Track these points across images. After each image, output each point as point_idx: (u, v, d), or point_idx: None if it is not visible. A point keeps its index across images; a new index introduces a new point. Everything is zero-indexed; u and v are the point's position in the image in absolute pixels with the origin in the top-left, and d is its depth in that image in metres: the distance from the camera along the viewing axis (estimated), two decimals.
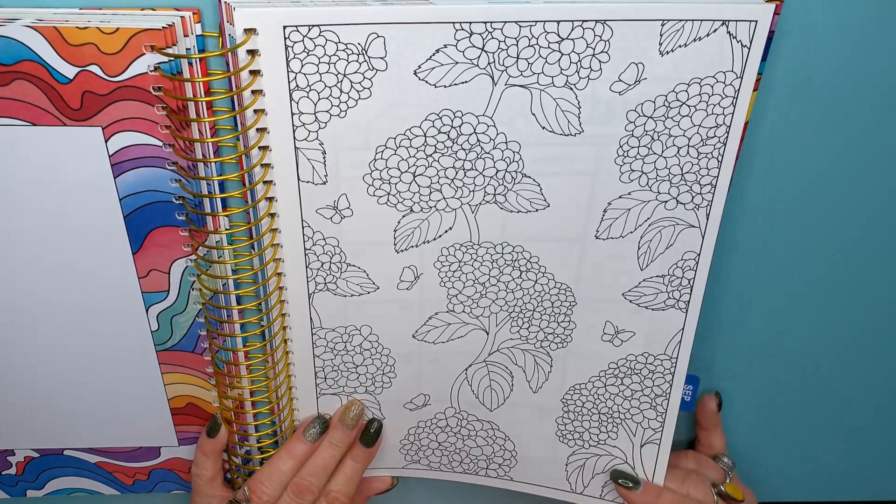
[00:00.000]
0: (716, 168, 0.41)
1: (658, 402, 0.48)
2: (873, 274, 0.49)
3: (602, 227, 0.43)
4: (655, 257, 0.44)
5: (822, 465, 0.47)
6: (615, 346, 0.47)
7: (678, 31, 0.37)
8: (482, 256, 0.44)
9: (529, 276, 0.45)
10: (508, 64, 0.38)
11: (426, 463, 0.53)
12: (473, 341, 0.47)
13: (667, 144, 0.41)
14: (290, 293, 0.45)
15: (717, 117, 0.40)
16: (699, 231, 0.43)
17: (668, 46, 0.38)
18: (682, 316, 0.46)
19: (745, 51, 0.38)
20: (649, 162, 0.41)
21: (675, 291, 0.45)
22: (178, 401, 0.50)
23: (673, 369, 0.47)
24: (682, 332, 0.46)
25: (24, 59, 0.37)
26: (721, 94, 0.39)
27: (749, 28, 0.37)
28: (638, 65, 0.38)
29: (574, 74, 0.39)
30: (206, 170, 0.41)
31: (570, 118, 0.40)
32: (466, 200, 0.42)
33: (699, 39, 0.38)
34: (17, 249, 0.43)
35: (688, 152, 0.41)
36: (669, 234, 0.43)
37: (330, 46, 0.37)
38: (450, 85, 0.38)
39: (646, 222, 0.43)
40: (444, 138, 0.40)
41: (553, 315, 0.46)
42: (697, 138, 0.40)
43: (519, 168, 0.41)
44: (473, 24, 0.37)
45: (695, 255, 0.44)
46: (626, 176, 0.42)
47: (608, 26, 0.37)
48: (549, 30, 0.37)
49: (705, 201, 0.42)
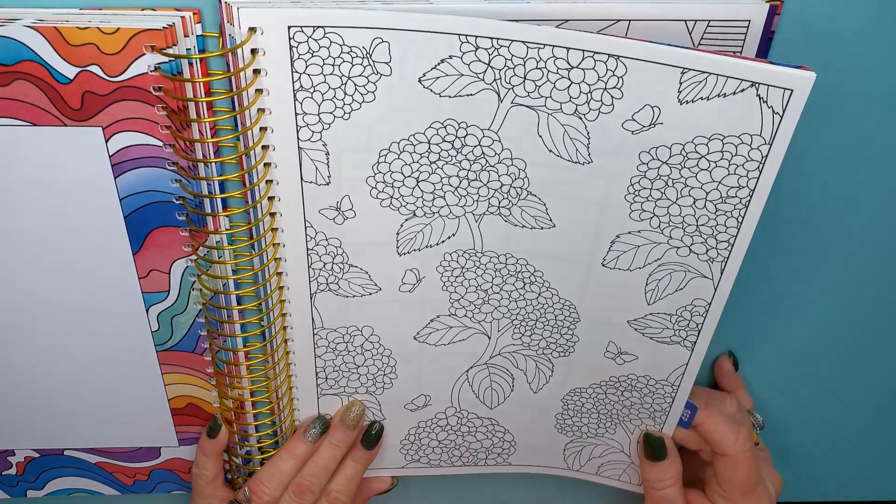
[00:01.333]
0: (734, 227, 0.39)
1: (657, 416, 0.48)
2: (874, 274, 0.49)
3: (609, 258, 0.42)
4: (663, 296, 0.42)
5: (822, 464, 0.47)
6: (618, 364, 0.46)
7: (700, 83, 0.35)
8: (485, 265, 0.44)
9: (533, 288, 0.44)
10: (515, 83, 0.37)
11: (426, 461, 0.53)
12: (475, 345, 0.47)
13: (682, 193, 0.38)
14: (292, 293, 0.45)
15: (741, 178, 0.37)
16: (712, 283, 0.41)
17: (687, 96, 0.35)
18: (687, 353, 0.44)
19: (777, 118, 0.35)
20: (662, 206, 0.39)
21: (681, 331, 0.43)
22: (179, 401, 0.50)
23: (674, 394, 0.47)
24: (685, 367, 0.45)
25: (25, 60, 0.37)
26: (745, 157, 0.36)
27: (783, 96, 0.34)
28: (654, 108, 0.36)
29: (584, 105, 0.37)
30: (207, 170, 0.41)
31: (579, 147, 0.38)
32: (470, 209, 0.41)
33: (723, 96, 0.35)
34: (18, 249, 0.43)
35: (705, 206, 0.38)
36: (680, 279, 0.41)
37: (334, 48, 0.36)
38: (455, 96, 0.38)
39: (655, 262, 0.41)
40: (449, 147, 0.39)
41: (556, 327, 0.46)
42: (716, 194, 0.38)
43: (524, 185, 0.40)
44: (479, 39, 0.36)
45: (705, 304, 0.42)
46: (637, 214, 0.40)
47: (622, 63, 0.35)
48: (559, 56, 0.35)
49: (721, 256, 0.40)
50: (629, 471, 0.52)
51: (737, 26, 0.39)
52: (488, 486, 0.58)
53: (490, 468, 0.54)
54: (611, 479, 0.53)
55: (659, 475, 0.49)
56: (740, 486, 0.47)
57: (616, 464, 0.52)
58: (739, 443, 0.46)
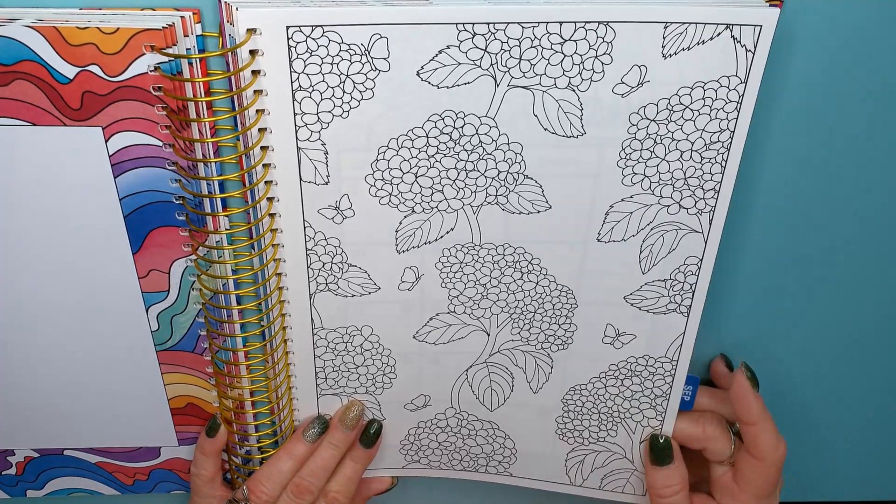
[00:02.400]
0: (719, 173, 0.41)
1: (658, 403, 0.48)
2: (875, 274, 0.49)
3: (604, 230, 0.43)
4: (657, 262, 0.44)
5: (822, 464, 0.47)
6: (616, 348, 0.47)
7: (681, 35, 0.37)
8: (483, 258, 0.44)
9: (531, 277, 0.45)
10: (511, 65, 0.38)
11: (426, 462, 0.53)
12: (474, 342, 0.47)
13: (669, 148, 0.40)
14: (291, 293, 0.45)
15: (721, 122, 0.39)
16: (702, 236, 0.43)
17: (671, 49, 0.37)
18: (683, 320, 0.46)
19: (750, 56, 0.37)
20: (651, 165, 0.41)
21: (676, 296, 0.45)
22: (178, 401, 0.50)
23: (673, 371, 0.47)
24: (682, 336, 0.46)
25: (25, 59, 0.37)
26: (725, 99, 0.39)
27: (753, 33, 0.37)
28: (640, 67, 0.38)
29: (577, 76, 0.38)
30: (206, 170, 0.41)
31: (573, 119, 0.39)
32: (468, 201, 0.42)
33: (702, 43, 0.37)
34: (17, 249, 0.43)
35: (691, 156, 0.40)
36: (672, 239, 0.43)
37: (333, 47, 0.37)
38: (452, 86, 0.38)
39: (648, 226, 0.43)
40: (447, 139, 0.40)
41: (554, 317, 0.46)
42: (701, 143, 0.40)
43: (521, 169, 0.41)
44: (476, 26, 0.37)
45: (697, 260, 0.43)
46: (629, 179, 0.41)
47: (611, 28, 0.37)
48: (552, 31, 0.37)
49: (708, 206, 0.42)
50: (633, 480, 0.52)
51: None
52: (488, 495, 0.57)
53: (491, 477, 0.53)
54: (615, 493, 0.52)
55: (665, 480, 0.48)
56: (759, 491, 0.47)
57: (619, 473, 0.52)
58: (780, 452, 0.46)
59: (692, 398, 0.48)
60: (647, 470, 0.49)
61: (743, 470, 0.47)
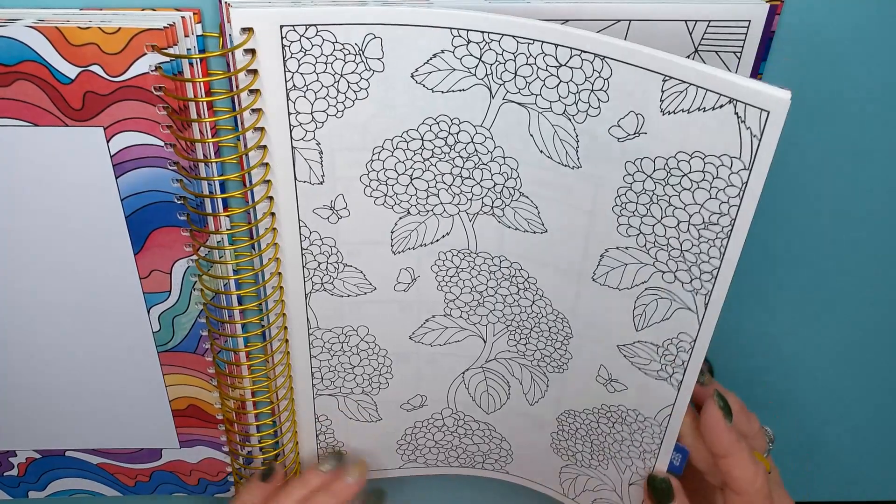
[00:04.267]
0: (717, 259, 0.36)
1: (647, 458, 0.46)
2: (873, 277, 0.49)
3: (599, 272, 0.41)
4: (650, 324, 0.41)
5: (822, 464, 0.47)
6: (609, 392, 0.45)
7: (681, 94, 0.33)
8: (480, 266, 0.43)
9: (527, 294, 0.44)
10: (506, 79, 0.37)
11: (423, 462, 0.53)
12: (470, 347, 0.47)
13: (666, 212, 0.37)
14: (287, 293, 0.45)
15: (722, 205, 0.35)
16: (696, 318, 0.39)
17: (669, 107, 0.34)
18: (674, 392, 0.42)
19: (756, 142, 0.33)
20: (648, 224, 0.38)
21: (667, 366, 0.41)
22: (180, 402, 0.50)
23: (662, 435, 0.44)
24: (672, 407, 0.43)
25: (26, 60, 0.37)
26: (726, 181, 0.34)
27: (760, 117, 0.32)
28: (638, 115, 0.35)
29: (573, 105, 0.36)
30: (207, 170, 0.41)
31: (569, 150, 0.38)
32: (464, 208, 0.41)
33: (703, 110, 0.33)
34: (19, 250, 0.43)
35: (688, 229, 0.37)
36: (666, 307, 0.40)
37: (327, 46, 0.37)
38: (447, 91, 0.38)
39: (642, 284, 0.40)
40: (442, 144, 0.39)
41: (550, 340, 0.45)
42: (699, 218, 0.36)
43: (517, 185, 0.40)
44: (471, 33, 0.36)
45: (690, 340, 0.40)
46: (624, 230, 0.38)
47: (607, 64, 0.34)
48: (547, 52, 0.35)
49: (705, 288, 0.38)
50: None
51: (737, 26, 0.38)
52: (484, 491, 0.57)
53: (487, 473, 0.53)
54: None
55: None
56: None
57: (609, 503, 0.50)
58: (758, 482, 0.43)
59: (682, 465, 0.45)
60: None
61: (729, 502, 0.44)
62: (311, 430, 0.50)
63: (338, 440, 0.51)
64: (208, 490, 0.54)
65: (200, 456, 0.52)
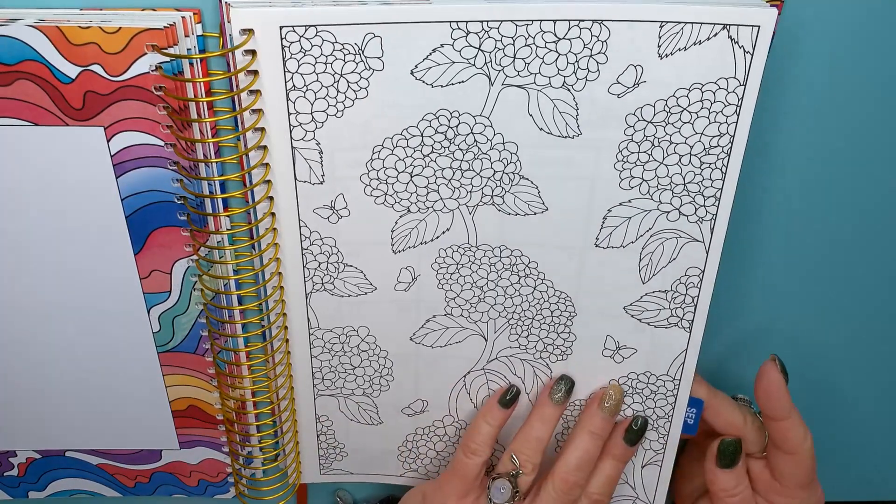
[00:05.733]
0: (720, 180, 0.40)
1: (660, 424, 0.47)
2: (877, 274, 0.49)
3: (602, 235, 0.42)
4: (657, 271, 0.43)
5: (822, 464, 0.47)
6: (616, 362, 0.46)
7: (677, 34, 0.36)
8: (480, 259, 0.43)
9: (528, 281, 0.44)
10: (505, 64, 0.38)
11: (423, 472, 0.52)
12: (471, 347, 0.47)
13: (668, 151, 0.39)
14: (288, 293, 0.45)
15: (720, 126, 0.38)
16: (703, 246, 0.41)
17: (667, 49, 0.37)
18: (685, 336, 0.44)
19: (749, 57, 0.37)
20: (650, 169, 0.40)
21: (678, 309, 0.43)
22: (180, 403, 0.50)
23: (676, 391, 0.46)
24: (685, 353, 0.45)
25: (27, 59, 0.37)
26: (724, 102, 0.38)
27: (751, 34, 0.36)
28: (637, 67, 0.37)
29: (571, 75, 0.38)
30: (208, 170, 0.41)
31: (568, 120, 0.39)
32: (464, 202, 0.42)
33: (699, 43, 0.36)
34: (19, 250, 0.43)
35: (690, 161, 0.39)
36: (672, 247, 0.42)
37: (326, 46, 0.37)
38: (447, 85, 0.38)
39: (647, 233, 0.42)
40: (441, 138, 0.40)
41: (553, 325, 0.45)
42: (700, 147, 0.39)
43: (516, 169, 0.41)
44: (470, 24, 0.36)
45: (699, 272, 0.42)
46: (626, 182, 0.40)
47: (605, 27, 0.36)
48: (546, 29, 0.37)
49: (709, 214, 0.41)
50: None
51: None
52: None
53: None
54: None
55: (737, 480, 0.46)
56: (802, 481, 0.45)
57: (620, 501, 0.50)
58: (809, 441, 0.45)
59: (696, 422, 0.46)
60: (713, 475, 0.46)
61: (779, 466, 0.45)
62: (312, 430, 0.50)
63: (339, 441, 0.51)
64: (208, 491, 0.54)
65: (200, 457, 0.52)
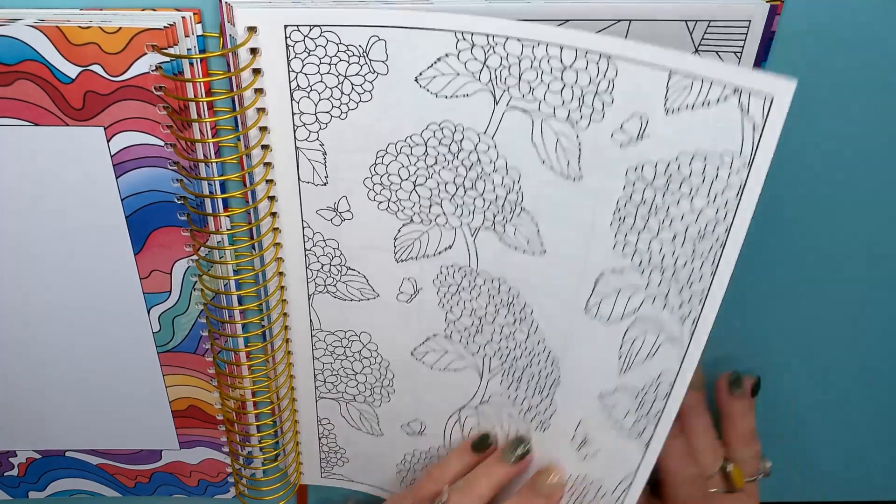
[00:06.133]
0: (709, 277, 0.34)
1: None
2: (875, 274, 0.49)
3: (592, 301, 0.39)
4: (634, 364, 0.38)
5: (822, 464, 0.47)
6: (579, 457, 0.42)
7: (685, 89, 0.33)
8: (480, 286, 0.43)
9: (522, 327, 0.43)
10: (511, 83, 0.36)
11: None
12: (468, 379, 0.46)
13: (664, 225, 0.35)
14: (290, 294, 0.45)
15: (718, 211, 0.33)
16: (680, 352, 0.36)
17: (673, 104, 0.33)
18: (639, 455, 0.39)
19: (758, 134, 0.31)
20: (644, 240, 0.36)
21: (641, 419, 0.39)
22: (180, 403, 0.50)
23: None
24: (634, 476, 0.39)
25: (27, 59, 0.37)
26: (725, 182, 0.33)
27: (762, 105, 0.31)
28: (642, 117, 0.34)
29: (576, 111, 0.36)
30: (208, 170, 0.41)
31: (571, 158, 0.37)
32: (466, 221, 0.41)
33: (707, 105, 0.32)
34: (18, 250, 0.43)
35: (683, 244, 0.35)
36: (652, 342, 0.37)
37: (331, 47, 0.37)
38: (451, 96, 0.37)
39: (633, 313, 0.38)
40: (445, 150, 0.39)
41: (539, 386, 0.43)
42: (695, 229, 0.34)
43: (518, 200, 0.39)
44: (475, 36, 0.35)
45: (669, 383, 0.37)
46: (621, 248, 0.37)
47: (613, 64, 0.34)
48: (552, 55, 0.35)
49: (693, 312, 0.35)
50: None
51: (737, 26, 0.38)
52: None
53: None
54: None
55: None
56: None
57: None
58: None
59: None
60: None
61: None
62: (314, 432, 0.50)
63: (340, 446, 0.51)
64: (208, 491, 0.54)
65: (200, 457, 0.52)
